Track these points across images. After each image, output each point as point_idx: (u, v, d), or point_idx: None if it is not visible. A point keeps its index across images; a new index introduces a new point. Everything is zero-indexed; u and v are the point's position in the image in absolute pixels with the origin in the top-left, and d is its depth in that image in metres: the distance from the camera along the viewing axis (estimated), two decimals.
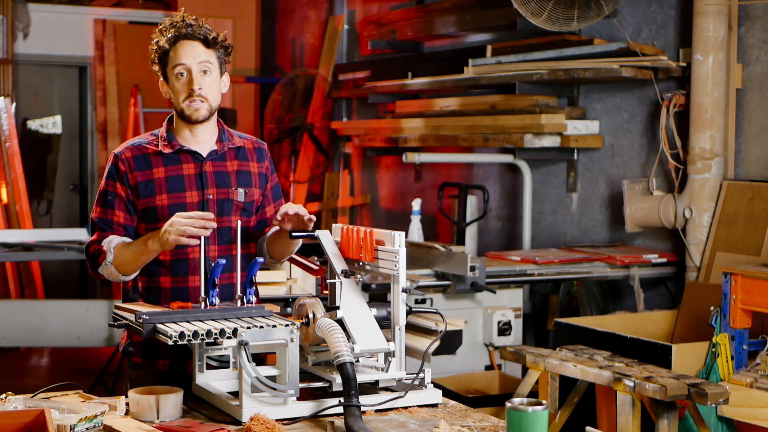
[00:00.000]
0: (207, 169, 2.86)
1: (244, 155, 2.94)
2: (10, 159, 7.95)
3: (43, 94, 9.36)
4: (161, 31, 2.88)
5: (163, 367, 2.83)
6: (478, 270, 4.36)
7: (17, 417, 2.18)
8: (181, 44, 2.83)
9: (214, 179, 2.86)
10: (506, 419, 2.01)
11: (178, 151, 2.85)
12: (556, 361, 3.90)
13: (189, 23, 2.85)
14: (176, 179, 2.83)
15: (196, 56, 2.82)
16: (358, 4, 7.76)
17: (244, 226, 2.87)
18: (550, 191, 5.73)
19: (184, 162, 2.85)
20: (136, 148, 2.87)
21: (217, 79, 2.85)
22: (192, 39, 2.83)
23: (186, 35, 2.83)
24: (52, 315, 6.42)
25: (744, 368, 3.80)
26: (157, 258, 2.80)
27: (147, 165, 2.83)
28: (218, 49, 2.85)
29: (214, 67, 2.83)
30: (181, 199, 2.82)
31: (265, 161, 2.98)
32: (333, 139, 7.87)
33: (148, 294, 2.84)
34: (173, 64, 2.83)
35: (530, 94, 5.39)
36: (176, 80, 2.83)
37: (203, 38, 2.83)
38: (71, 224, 9.21)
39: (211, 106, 2.84)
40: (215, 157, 2.88)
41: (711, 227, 4.58)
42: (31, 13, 8.74)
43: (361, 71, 7.47)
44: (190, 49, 2.82)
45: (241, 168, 2.92)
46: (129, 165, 2.84)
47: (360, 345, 2.52)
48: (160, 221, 2.77)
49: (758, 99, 4.55)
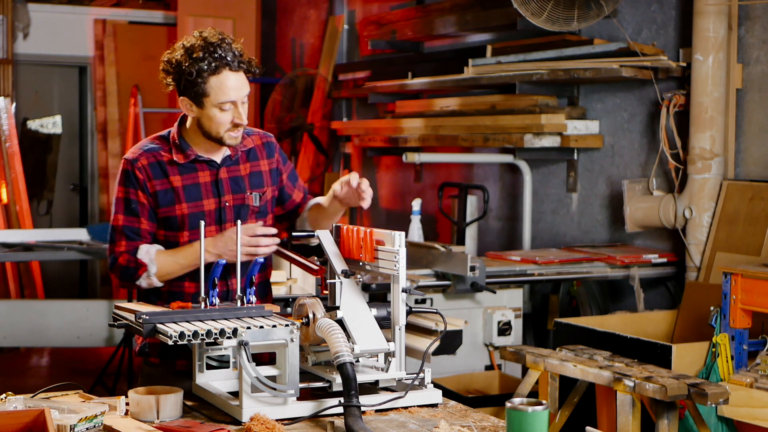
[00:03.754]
0: (222, 176, 2.86)
1: (255, 155, 2.95)
2: (10, 159, 7.95)
3: (43, 94, 9.36)
4: (189, 52, 2.70)
5: (182, 366, 2.83)
6: (478, 270, 4.36)
7: (17, 417, 2.18)
8: (225, 76, 2.70)
9: (229, 186, 2.86)
10: (506, 419, 2.02)
11: (193, 161, 2.84)
12: (556, 361, 3.90)
13: (226, 48, 2.70)
14: (193, 188, 2.83)
15: (241, 89, 2.73)
16: (358, 4, 7.76)
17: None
18: (550, 191, 5.73)
19: (199, 170, 2.84)
20: (150, 155, 2.83)
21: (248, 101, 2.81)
22: (236, 71, 2.72)
23: (228, 64, 2.70)
24: (52, 315, 6.43)
25: (744, 368, 3.80)
26: None
27: (163, 174, 2.81)
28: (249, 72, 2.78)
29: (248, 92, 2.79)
30: (200, 207, 2.83)
31: (274, 155, 2.99)
32: (333, 139, 7.87)
33: (171, 298, 2.82)
34: (218, 99, 2.71)
35: (530, 94, 5.39)
36: (219, 111, 2.74)
37: (246, 68, 2.74)
38: (71, 224, 9.21)
39: (246, 127, 2.85)
40: (230, 163, 2.88)
41: (711, 227, 4.58)
42: (31, 13, 8.73)
43: (361, 71, 7.47)
44: (235, 82, 2.72)
45: (253, 170, 2.93)
46: (147, 173, 2.81)
47: (360, 345, 2.52)
48: (180, 230, 2.81)
49: (758, 99, 4.55)
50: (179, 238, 2.83)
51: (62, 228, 8.37)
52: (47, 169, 9.30)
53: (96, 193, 9.34)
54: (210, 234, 2.82)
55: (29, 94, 9.19)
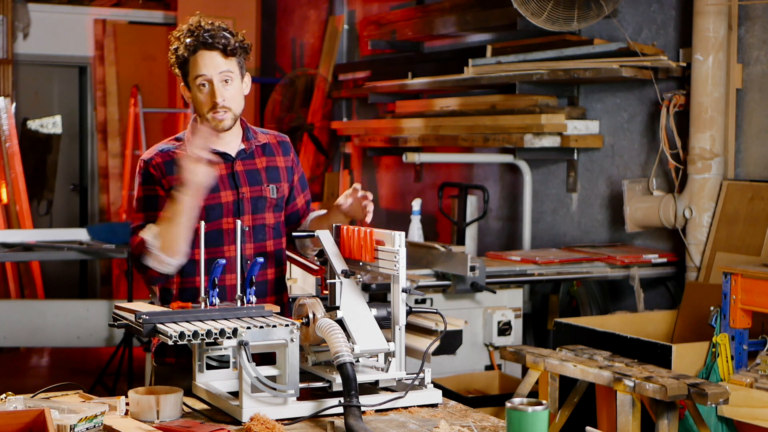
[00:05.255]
0: (238, 169, 2.88)
1: (271, 151, 2.96)
2: (10, 159, 7.95)
3: (43, 94, 9.36)
4: (179, 38, 2.82)
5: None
6: (478, 270, 4.36)
7: (17, 417, 2.18)
8: (200, 54, 2.79)
9: (246, 178, 2.88)
10: (506, 419, 2.01)
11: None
12: (556, 361, 3.90)
13: (207, 29, 2.80)
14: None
15: (217, 66, 2.78)
16: (358, 4, 7.76)
17: (276, 222, 2.92)
18: (550, 191, 5.73)
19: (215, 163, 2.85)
20: (165, 153, 2.86)
21: (239, 85, 2.84)
22: (212, 49, 2.78)
23: (205, 44, 2.78)
24: (52, 315, 6.44)
25: (744, 368, 3.80)
26: (192, 258, 2.78)
27: (179, 170, 2.81)
28: (239, 55, 2.82)
29: (235, 75, 2.81)
30: (217, 199, 2.84)
31: (290, 154, 3.01)
32: (333, 139, 7.87)
33: (183, 294, 2.84)
34: (194, 74, 2.80)
35: (530, 94, 5.39)
36: (198, 91, 2.81)
37: (222, 48, 2.79)
38: (71, 224, 9.21)
39: (235, 114, 2.84)
40: (244, 156, 2.90)
41: (711, 227, 4.58)
42: (31, 13, 8.73)
43: (361, 71, 7.47)
44: (210, 59, 2.79)
45: (270, 164, 2.94)
46: (161, 170, 2.84)
47: (360, 345, 2.52)
48: (197, 222, 2.78)
49: (758, 99, 4.55)
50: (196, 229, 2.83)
51: (62, 228, 8.37)
52: (47, 169, 9.30)
53: (96, 193, 9.34)
54: (228, 226, 2.83)
55: (29, 94, 9.19)
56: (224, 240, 2.85)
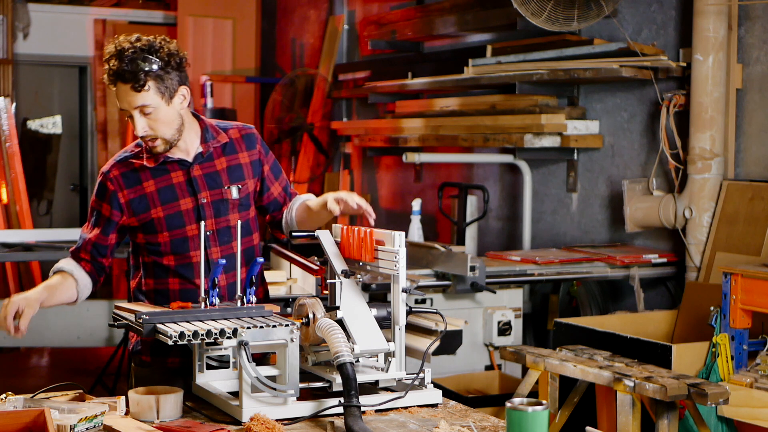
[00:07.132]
0: (195, 174, 2.84)
1: (232, 148, 2.91)
2: (10, 159, 7.95)
3: (43, 94, 9.36)
4: (106, 61, 2.71)
5: (173, 364, 2.84)
6: (478, 270, 4.36)
7: (17, 417, 2.18)
8: (118, 87, 2.69)
9: (205, 182, 2.84)
10: (506, 419, 2.01)
11: (163, 162, 2.83)
12: (556, 361, 3.90)
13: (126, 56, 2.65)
14: (167, 189, 2.82)
15: (131, 102, 2.69)
16: (358, 4, 7.76)
17: (244, 220, 2.86)
18: (550, 191, 5.73)
19: (171, 171, 2.83)
20: (122, 164, 2.85)
21: (165, 110, 2.71)
22: (125, 82, 2.67)
23: (121, 77, 2.67)
24: (52, 315, 6.43)
25: (744, 368, 3.80)
26: (162, 263, 2.83)
27: (136, 180, 2.82)
28: (157, 81, 2.69)
29: (154, 105, 2.69)
30: (176, 208, 2.82)
31: (256, 146, 2.95)
32: (333, 139, 7.87)
33: (157, 296, 2.84)
34: (119, 104, 2.74)
35: (530, 94, 5.39)
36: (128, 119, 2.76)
37: (133, 83, 2.66)
38: (71, 224, 9.21)
39: (166, 137, 2.76)
40: (202, 160, 2.85)
41: (711, 227, 4.58)
42: (31, 13, 8.73)
43: (361, 71, 7.47)
44: (124, 94, 2.69)
45: (231, 163, 2.89)
46: (118, 183, 2.83)
47: (360, 345, 2.52)
48: (159, 232, 2.81)
49: (758, 99, 4.55)
50: (158, 238, 2.83)
51: (62, 228, 8.37)
52: (47, 169, 9.30)
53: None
54: (193, 233, 2.82)
55: (29, 94, 9.19)
56: (190, 246, 2.83)
